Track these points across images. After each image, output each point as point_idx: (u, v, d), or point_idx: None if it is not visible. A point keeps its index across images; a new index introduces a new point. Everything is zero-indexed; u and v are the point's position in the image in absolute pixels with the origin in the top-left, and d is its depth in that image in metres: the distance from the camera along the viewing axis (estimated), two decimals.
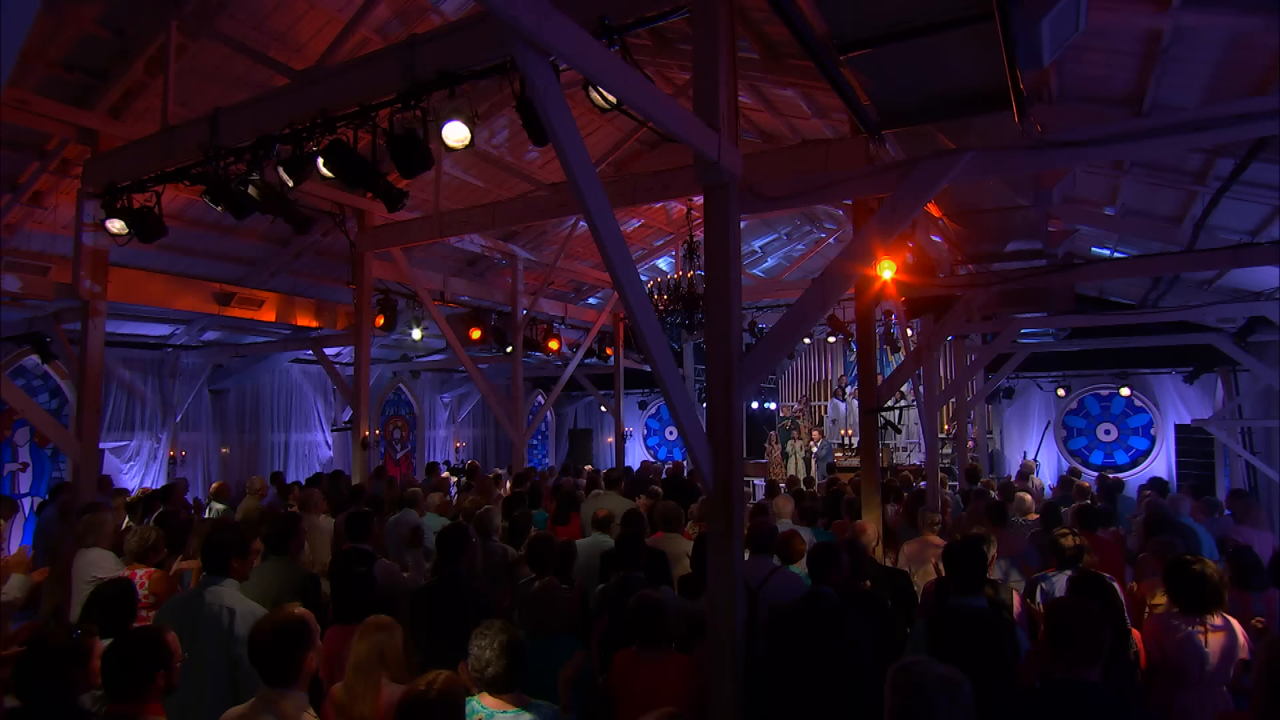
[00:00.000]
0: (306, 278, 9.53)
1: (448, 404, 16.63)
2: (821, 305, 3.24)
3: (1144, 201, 7.27)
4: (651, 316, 2.71)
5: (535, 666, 3.09)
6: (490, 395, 11.17)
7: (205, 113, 4.74)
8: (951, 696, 1.60)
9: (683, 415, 2.99)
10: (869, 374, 5.51)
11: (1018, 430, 17.11)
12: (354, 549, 4.26)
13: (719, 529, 3.20)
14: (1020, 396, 16.75)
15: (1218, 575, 3.26)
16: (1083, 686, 2.18)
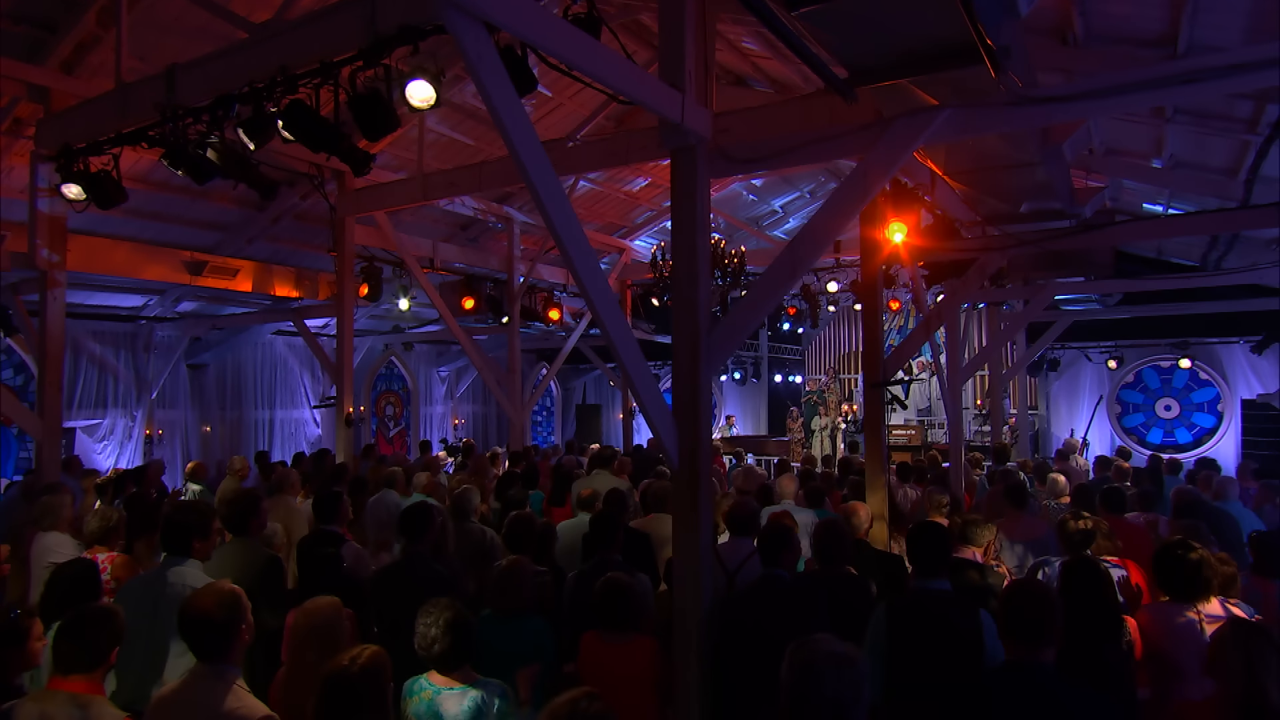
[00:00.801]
0: (286, 244, 9.73)
1: (445, 378, 16.92)
2: (791, 273, 3.32)
3: (1194, 152, 7.15)
4: (601, 280, 2.83)
5: (498, 647, 3.29)
6: (485, 369, 11.39)
7: (161, 69, 4.86)
8: (840, 672, 1.72)
9: (641, 389, 3.12)
10: (874, 345, 5.58)
11: (1066, 406, 16.99)
12: (322, 531, 4.48)
13: (684, 508, 3.34)
14: (1069, 369, 16.60)
15: (1212, 562, 3.33)
16: (1034, 668, 2.31)
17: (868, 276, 5.63)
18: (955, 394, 7.66)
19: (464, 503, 5.39)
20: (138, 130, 5.02)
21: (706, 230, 3.36)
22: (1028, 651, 2.33)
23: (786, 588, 3.41)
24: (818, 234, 3.32)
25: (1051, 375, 16.80)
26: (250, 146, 4.70)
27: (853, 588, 3.60)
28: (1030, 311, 8.13)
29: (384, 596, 3.59)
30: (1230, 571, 3.82)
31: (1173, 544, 3.44)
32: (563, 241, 2.66)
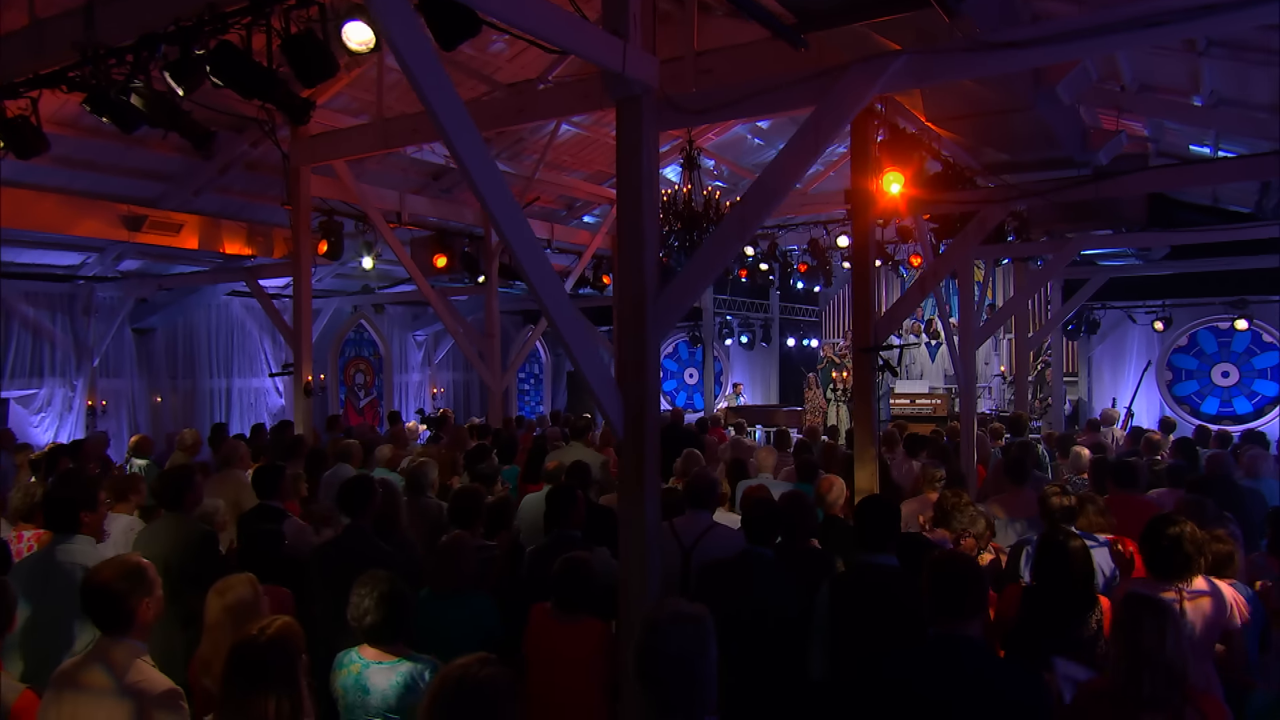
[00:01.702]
0: (237, 196, 9.86)
1: (422, 343, 17.14)
2: (741, 232, 3.44)
3: (1235, 87, 7.14)
4: (526, 232, 2.96)
5: (436, 625, 3.51)
6: (459, 333, 11.58)
7: (80, 3, 4.93)
8: (683, 628, 1.93)
9: (578, 352, 3.27)
10: (864, 307, 5.70)
11: (1110, 372, 17.03)
12: (264, 506, 4.70)
13: (629, 483, 3.52)
14: (1112, 331, 16.61)
15: (1198, 539, 3.49)
16: (959, 641, 2.50)
17: (859, 232, 5.72)
18: (967, 359, 7.78)
19: (420, 477, 5.62)
20: (56, 72, 5.11)
21: (654, 186, 3.47)
22: (951, 625, 2.51)
23: (767, 566, 3.60)
24: (768, 189, 3.43)
25: (1092, 339, 16.83)
26: (179, 92, 4.81)
27: (815, 564, 3.79)
28: (1052, 267, 8.21)
29: (322, 573, 3.81)
30: (1225, 550, 3.98)
31: (1155, 519, 3.60)
32: (477, 187, 2.79)
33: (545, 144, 11.12)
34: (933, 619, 2.54)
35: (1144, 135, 9.93)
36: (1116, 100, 7.23)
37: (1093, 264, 11.64)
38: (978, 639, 2.50)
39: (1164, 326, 14.94)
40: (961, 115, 4.64)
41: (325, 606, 3.71)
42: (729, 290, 18.18)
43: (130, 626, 2.49)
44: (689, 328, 19.09)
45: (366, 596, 2.99)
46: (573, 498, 4.33)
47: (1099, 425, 10.80)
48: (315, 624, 3.80)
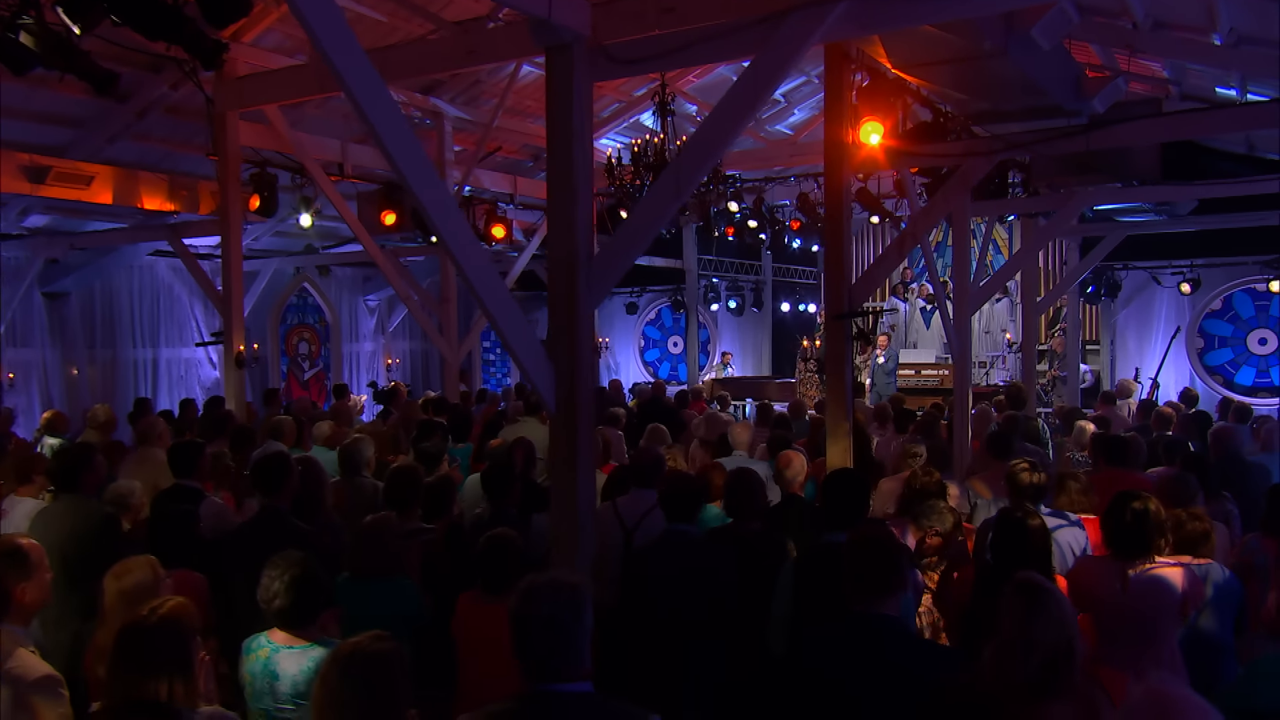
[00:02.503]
0: (157, 144, 9.86)
1: (374, 308, 17.22)
2: (676, 192, 3.57)
3: (1254, 24, 7.27)
4: (430, 175, 3.08)
5: (357, 610, 3.69)
6: (410, 298, 11.70)
7: None
8: (557, 594, 2.22)
9: (501, 318, 3.42)
10: (837, 269, 5.85)
11: (1135, 340, 17.28)
12: (179, 486, 4.86)
13: (561, 460, 3.69)
14: (1138, 295, 16.82)
15: (1161, 516, 3.70)
16: (875, 619, 2.70)
17: (832, 187, 5.86)
18: (962, 324, 7.97)
19: (354, 455, 5.79)
20: None
21: (586, 142, 3.60)
22: (871, 603, 2.71)
23: (690, 545, 3.79)
24: (704, 146, 3.56)
25: (1115, 303, 17.04)
26: (74, 30, 4.87)
27: (765, 544, 3.98)
28: (1057, 224, 8.38)
29: (235, 557, 3.98)
30: (1199, 529, 4.20)
31: (1119, 495, 3.80)
32: (379, 135, 2.91)
33: (505, 87, 11.13)
34: (851, 597, 2.73)
35: (1163, 77, 10.07)
36: (1128, 39, 7.34)
37: (1110, 220, 11.78)
38: (896, 618, 2.70)
39: (1191, 289, 15.13)
40: (928, 63, 4.75)
41: (240, 591, 3.87)
42: (714, 250, 18.28)
43: (5, 611, 2.64)
44: (671, 291, 19.22)
45: (277, 579, 3.15)
46: (509, 477, 4.50)
47: (1114, 398, 11.05)
48: (232, 610, 3.98)
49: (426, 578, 4.33)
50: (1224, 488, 5.86)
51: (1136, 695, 1.93)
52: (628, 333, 21.44)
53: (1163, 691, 1.95)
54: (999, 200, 8.60)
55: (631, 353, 21.61)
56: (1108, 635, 3.80)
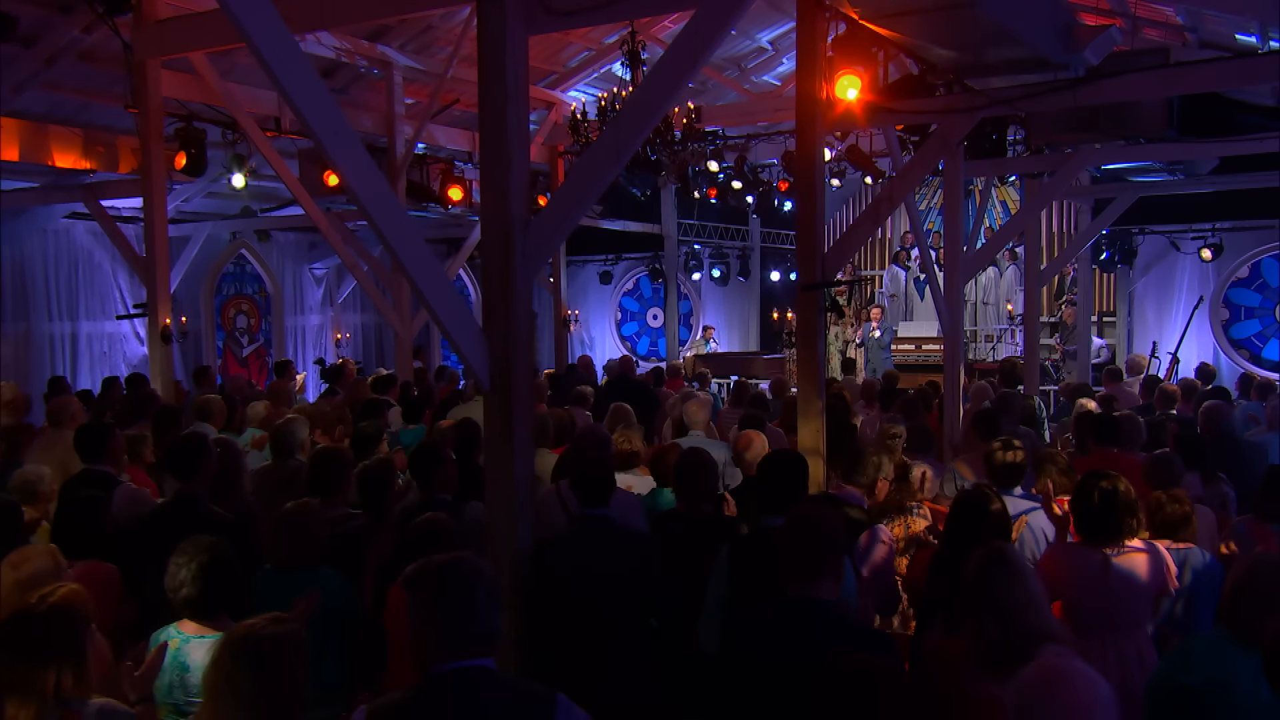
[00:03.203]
0: (70, 94, 9.81)
1: (321, 277, 17.23)
2: (615, 157, 3.67)
3: None
4: (339, 122, 3.16)
5: (277, 602, 3.80)
6: (357, 266, 11.75)
7: None
8: (452, 575, 2.40)
9: (431, 294, 3.51)
10: (810, 236, 5.97)
11: (1154, 311, 17.49)
12: (88, 471, 4.95)
13: (496, 441, 3.81)
14: (1157, 262, 17.00)
15: (1132, 498, 3.86)
16: (809, 603, 2.87)
17: (805, 146, 5.96)
18: (952, 295, 8.13)
19: (286, 437, 5.90)
20: None
21: (521, 101, 3.68)
22: (805, 585, 2.87)
23: (604, 533, 3.93)
24: (643, 108, 3.65)
25: (1132, 271, 17.23)
26: None
27: (716, 530, 4.13)
28: (1056, 186, 8.53)
29: (146, 546, 4.08)
30: (1179, 512, 4.39)
31: (1086, 475, 3.97)
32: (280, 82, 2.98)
33: (459, 33, 11.14)
34: (786, 580, 2.89)
35: (1178, 24, 10.20)
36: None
37: (1122, 180, 11.96)
38: (829, 601, 2.86)
39: (1213, 255, 15.31)
40: (896, 13, 4.84)
41: (152, 581, 3.99)
42: (696, 214, 18.36)
43: None
44: (648, 259, 19.28)
45: (184, 566, 3.27)
46: (438, 458, 4.63)
47: (1120, 375, 11.26)
48: (145, 599, 4.09)
49: (358, 568, 4.45)
50: (1219, 468, 6.05)
51: (1029, 669, 2.09)
52: (603, 304, 21.51)
53: (1053, 664, 2.11)
54: (996, 159, 8.71)
55: (607, 326, 21.70)
56: (1076, 624, 3.97)
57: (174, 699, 3.24)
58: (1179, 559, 4.25)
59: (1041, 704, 2.03)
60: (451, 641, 2.38)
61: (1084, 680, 2.05)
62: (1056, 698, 2.02)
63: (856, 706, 2.15)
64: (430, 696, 2.38)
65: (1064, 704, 2.01)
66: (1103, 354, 16.74)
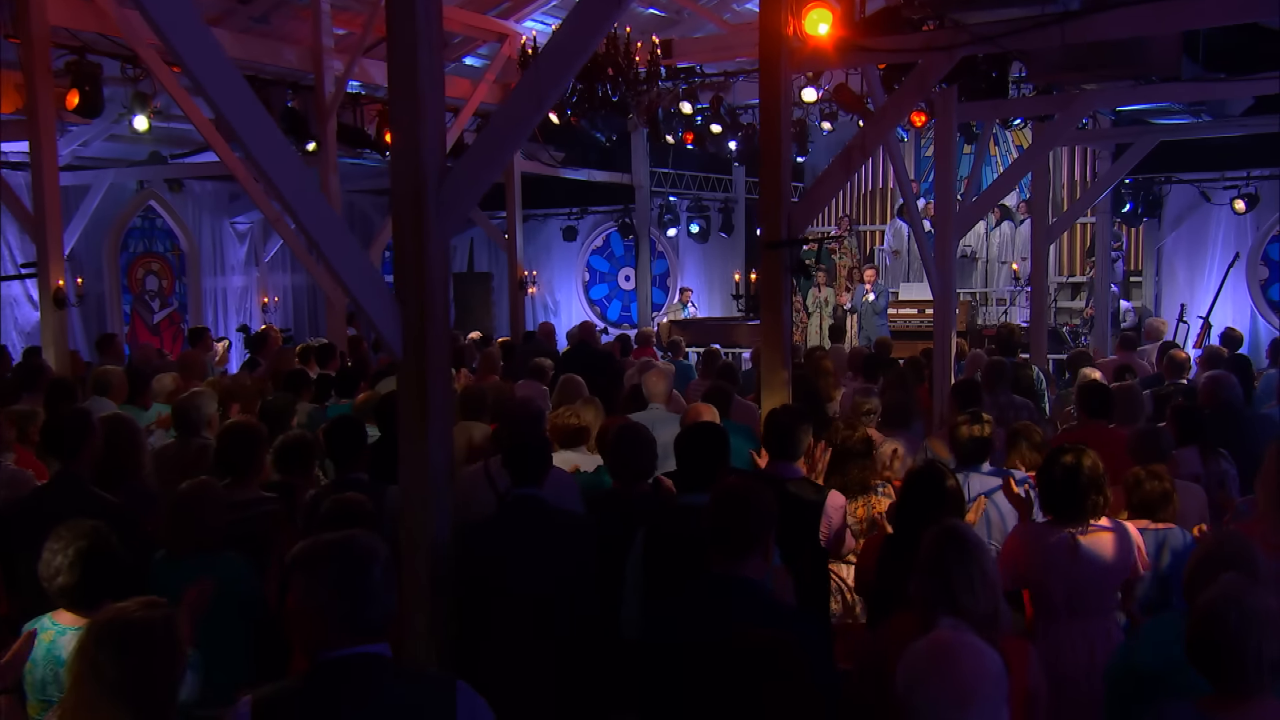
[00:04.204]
0: None
1: (245, 233, 17.27)
2: (537, 103, 3.79)
3: None
4: (218, 57, 3.26)
5: (173, 594, 3.96)
6: (282, 221, 11.81)
7: None
8: (340, 554, 2.56)
9: (332, 252, 3.64)
10: (775, 190, 6.12)
11: (1185, 270, 17.74)
12: None
13: (411, 415, 3.95)
14: (1190, 215, 17.21)
15: (1099, 473, 4.07)
16: (735, 581, 3.06)
17: (769, 89, 6.09)
18: (943, 252, 8.31)
19: (190, 413, 6.04)
20: None
21: (433, 38, 3.78)
22: (731, 564, 3.06)
23: (533, 514, 4.11)
24: (568, 45, 3.76)
25: (1161, 225, 17.44)
26: None
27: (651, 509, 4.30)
28: (1059, 130, 8.69)
29: (21, 532, 4.22)
30: (1158, 489, 4.60)
31: (1052, 450, 4.18)
32: None
33: None
34: (710, 558, 3.09)
35: None
36: None
37: (1143, 122, 12.11)
38: (753, 580, 3.06)
39: (1247, 206, 15.52)
40: None
41: (27, 570, 4.13)
42: (671, 161, 18.45)
43: None
44: (618, 213, 19.40)
45: (60, 553, 3.41)
46: (353, 433, 4.78)
47: (1135, 342, 11.49)
48: (19, 590, 4.24)
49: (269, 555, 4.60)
50: (1220, 443, 6.26)
51: (919, 643, 2.29)
52: (568, 264, 21.63)
53: (943, 638, 2.31)
54: (994, 100, 8.87)
55: (574, 289, 21.82)
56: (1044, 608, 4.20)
57: (47, 695, 3.38)
58: (1157, 540, 4.47)
59: (927, 679, 2.22)
60: (344, 626, 2.50)
61: (972, 654, 2.24)
62: (943, 672, 2.21)
63: (745, 684, 2.33)
64: (321, 685, 2.51)
65: (951, 679, 2.20)
66: (1128, 318, 16.90)
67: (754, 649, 2.38)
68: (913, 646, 2.31)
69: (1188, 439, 6.04)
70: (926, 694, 2.21)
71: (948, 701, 2.19)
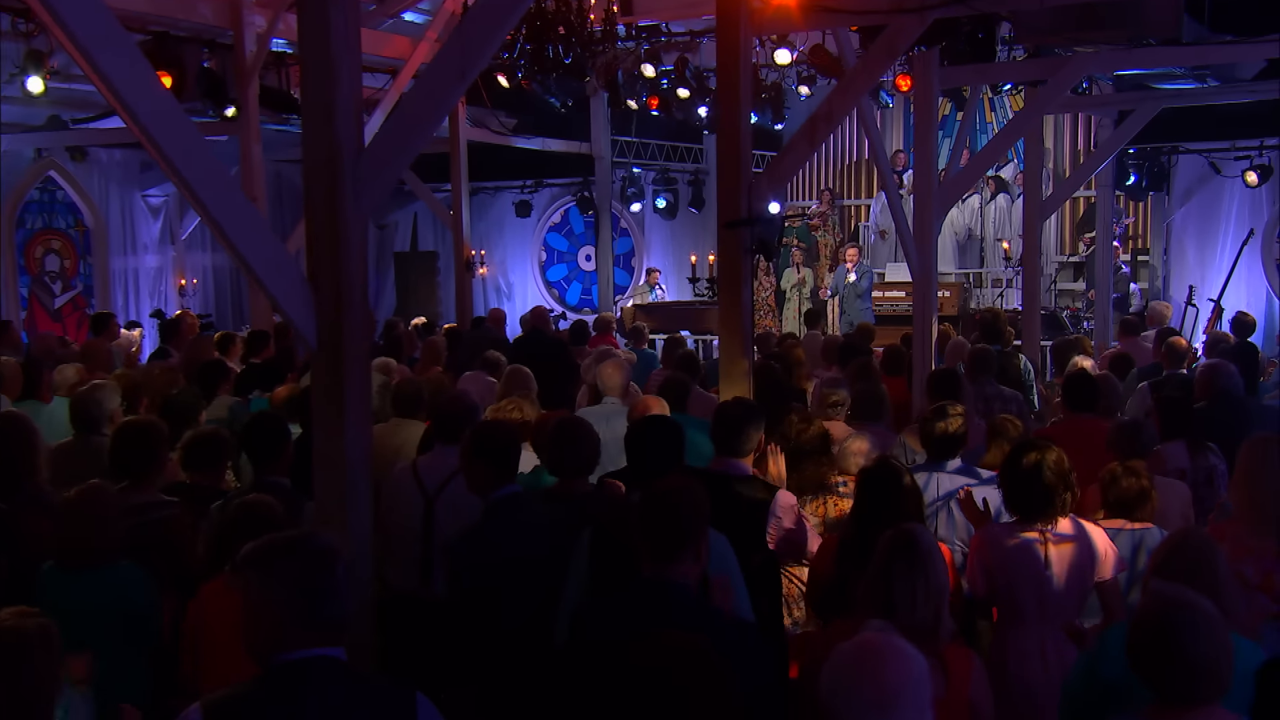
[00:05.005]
0: None
1: (158, 207, 17.18)
2: (459, 73, 3.88)
3: None
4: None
5: (64, 606, 4.04)
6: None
7: None
8: (290, 556, 2.68)
9: (235, 232, 3.70)
10: (734, 162, 6.24)
11: (1195, 248, 18.00)
12: None
13: (327, 410, 4.04)
14: (1200, 188, 17.46)
15: (1065, 469, 4.24)
16: (664, 585, 3.18)
17: (726, 52, 6.20)
18: (922, 230, 8.48)
19: (89, 408, 6.10)
20: None
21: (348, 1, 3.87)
22: (662, 568, 3.19)
23: (526, 515, 4.24)
24: (492, 11, 3.86)
25: (1169, 199, 17.70)
26: None
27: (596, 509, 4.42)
28: (1050, 96, 8.85)
29: None
30: (1135, 486, 4.77)
31: (1015, 446, 4.34)
32: None
33: None
34: (643, 561, 3.22)
35: None
36: None
37: (1145, 87, 12.34)
38: (684, 584, 3.19)
39: (1259, 178, 15.75)
40: None
41: None
42: (635, 129, 18.52)
43: None
44: (576, 186, 19.43)
45: None
46: (274, 431, 4.86)
47: (1137, 327, 11.71)
48: None
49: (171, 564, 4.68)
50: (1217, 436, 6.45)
51: (843, 646, 2.43)
52: (522, 242, 21.65)
53: (868, 640, 2.46)
54: (979, 64, 9.03)
55: (529, 270, 21.84)
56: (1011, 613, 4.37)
57: None
58: (1133, 541, 4.64)
59: (850, 681, 2.35)
60: (302, 625, 2.59)
61: (897, 657, 2.38)
62: (867, 675, 2.35)
63: (650, 689, 2.45)
64: (278, 689, 2.59)
65: (876, 684, 2.32)
66: (1135, 301, 17.12)
67: (660, 651, 2.50)
68: (838, 648, 2.45)
69: (1175, 432, 6.23)
70: (849, 697, 2.35)
71: (869, 704, 2.32)
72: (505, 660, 4.12)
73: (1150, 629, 2.81)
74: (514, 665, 4.07)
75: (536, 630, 4.09)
